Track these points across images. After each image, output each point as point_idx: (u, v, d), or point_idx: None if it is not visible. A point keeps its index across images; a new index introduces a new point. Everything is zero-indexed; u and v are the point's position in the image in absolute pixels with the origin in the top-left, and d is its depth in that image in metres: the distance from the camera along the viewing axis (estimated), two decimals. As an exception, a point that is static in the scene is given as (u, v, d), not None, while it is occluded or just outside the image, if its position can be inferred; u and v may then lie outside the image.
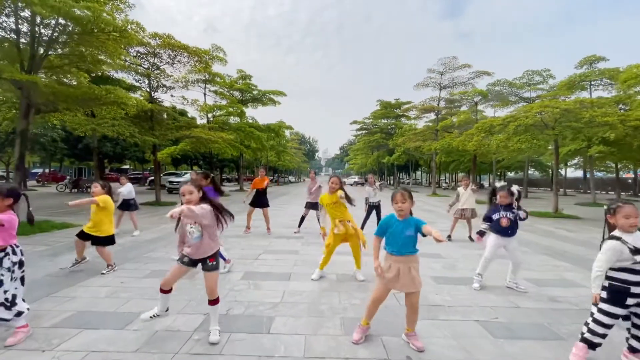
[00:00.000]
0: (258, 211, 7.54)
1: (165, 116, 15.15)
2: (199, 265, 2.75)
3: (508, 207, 4.08)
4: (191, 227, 2.66)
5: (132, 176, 35.59)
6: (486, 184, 51.85)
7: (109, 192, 4.57)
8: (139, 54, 13.70)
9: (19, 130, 7.75)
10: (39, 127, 12.38)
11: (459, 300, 3.69)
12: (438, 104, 27.96)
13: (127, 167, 47.63)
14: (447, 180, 58.80)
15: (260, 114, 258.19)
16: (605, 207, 2.54)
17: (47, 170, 37.00)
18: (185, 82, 16.11)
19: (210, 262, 2.71)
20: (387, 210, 8.14)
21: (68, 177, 25.02)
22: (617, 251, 2.29)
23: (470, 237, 7.11)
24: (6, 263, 2.57)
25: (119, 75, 14.26)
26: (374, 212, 7.87)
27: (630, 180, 35.74)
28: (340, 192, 4.28)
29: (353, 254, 4.38)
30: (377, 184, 8.01)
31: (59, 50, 7.69)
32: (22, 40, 7.67)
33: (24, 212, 2.98)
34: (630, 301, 2.29)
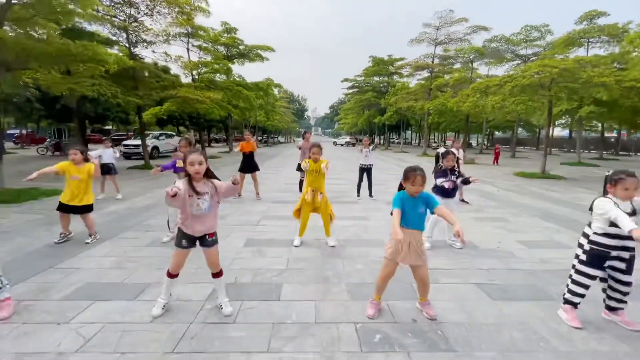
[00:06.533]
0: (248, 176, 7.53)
1: (147, 74, 14.20)
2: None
3: (452, 171, 4.33)
4: (200, 198, 2.55)
5: (115, 138, 34.33)
6: (474, 142, 52.42)
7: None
8: (113, 3, 12.47)
9: (-10, 91, 7.18)
10: (9, 85, 11.46)
11: (458, 264, 3.86)
12: (432, 61, 27.06)
13: (110, 128, 45.74)
14: (436, 140, 59.08)
15: (247, 71, 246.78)
16: (607, 174, 2.59)
17: (24, 132, 35.24)
18: (166, 36, 14.98)
19: (209, 238, 2.63)
20: (378, 173, 8.12)
21: (48, 140, 23.97)
22: (610, 202, 2.41)
23: (462, 200, 7.32)
24: None
25: (93, 28, 13.06)
26: (365, 175, 7.86)
27: (613, 140, 36.63)
28: (325, 163, 4.22)
29: (323, 223, 4.40)
30: (371, 147, 7.89)
31: (24, 0, 6.87)
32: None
33: None
34: (607, 264, 2.50)
